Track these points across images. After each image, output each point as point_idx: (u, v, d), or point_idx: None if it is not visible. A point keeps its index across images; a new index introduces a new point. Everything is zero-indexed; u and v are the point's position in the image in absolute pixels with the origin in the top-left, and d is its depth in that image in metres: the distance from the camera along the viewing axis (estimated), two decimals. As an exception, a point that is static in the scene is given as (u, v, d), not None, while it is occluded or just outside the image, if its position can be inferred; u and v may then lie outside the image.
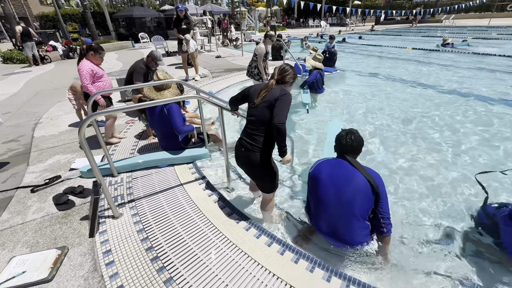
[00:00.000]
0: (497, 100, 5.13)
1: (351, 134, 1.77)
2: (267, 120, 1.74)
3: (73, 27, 18.18)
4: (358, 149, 1.77)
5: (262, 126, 1.78)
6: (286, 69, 1.85)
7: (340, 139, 1.78)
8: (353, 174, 1.67)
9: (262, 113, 1.75)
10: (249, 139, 1.83)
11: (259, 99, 1.75)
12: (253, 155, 1.81)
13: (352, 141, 1.73)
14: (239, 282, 1.53)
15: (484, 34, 15.98)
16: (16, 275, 1.59)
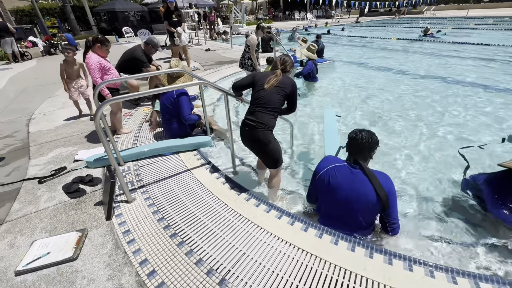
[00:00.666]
0: (474, 83, 5.49)
1: (366, 132, 1.70)
2: (275, 103, 2.05)
3: (51, 22, 17.39)
4: (372, 149, 1.69)
5: (269, 107, 2.01)
6: (286, 59, 2.17)
7: (352, 139, 1.71)
8: (364, 187, 1.61)
9: (271, 97, 2.04)
10: (254, 117, 2.04)
11: (269, 85, 2.04)
12: (258, 132, 2.02)
13: (366, 139, 1.66)
14: (255, 250, 1.67)
15: (462, 25, 16.64)
16: (41, 256, 1.66)
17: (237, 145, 2.88)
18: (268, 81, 2.05)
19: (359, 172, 1.65)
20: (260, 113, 2.04)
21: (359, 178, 1.63)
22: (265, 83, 2.06)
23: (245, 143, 2.19)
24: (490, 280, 1.40)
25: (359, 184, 1.63)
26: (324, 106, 4.79)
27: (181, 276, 1.52)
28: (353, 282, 1.45)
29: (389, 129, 3.84)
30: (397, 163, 3.01)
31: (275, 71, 2.11)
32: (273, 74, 2.08)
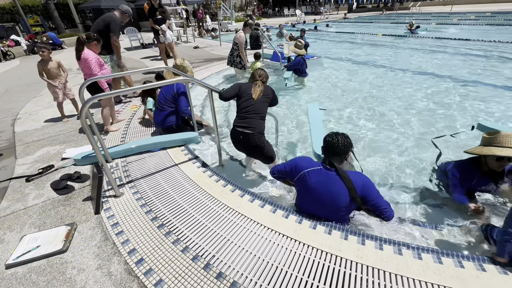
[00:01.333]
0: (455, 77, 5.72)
1: (340, 136, 1.78)
2: (263, 110, 2.43)
3: (34, 20, 16.90)
4: (346, 151, 1.77)
5: (260, 114, 2.40)
6: (261, 73, 2.56)
7: (327, 142, 1.78)
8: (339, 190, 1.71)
9: (260, 105, 2.41)
10: (248, 124, 2.34)
11: (257, 95, 2.40)
12: (254, 138, 2.33)
13: (338, 143, 1.74)
14: (238, 237, 1.77)
15: (446, 20, 17.08)
16: (31, 249, 1.72)
17: (223, 139, 2.96)
18: (255, 91, 2.40)
19: (334, 175, 1.73)
20: (253, 120, 2.35)
21: (334, 180, 1.72)
22: (252, 93, 2.40)
23: (240, 149, 2.47)
24: (451, 255, 1.54)
25: (334, 187, 1.71)
26: (312, 100, 4.92)
27: (168, 262, 1.60)
28: (328, 262, 1.56)
29: (371, 121, 3.99)
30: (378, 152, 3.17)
31: (256, 82, 2.47)
32: (255, 85, 2.44)
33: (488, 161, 1.90)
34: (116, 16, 4.17)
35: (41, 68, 3.69)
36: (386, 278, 1.45)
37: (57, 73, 3.82)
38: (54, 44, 12.58)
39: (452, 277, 1.42)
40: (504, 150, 1.76)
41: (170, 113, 3.14)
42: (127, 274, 1.56)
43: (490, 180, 1.98)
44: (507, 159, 1.79)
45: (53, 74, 3.78)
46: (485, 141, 1.88)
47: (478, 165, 1.99)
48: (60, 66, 3.85)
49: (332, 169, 1.76)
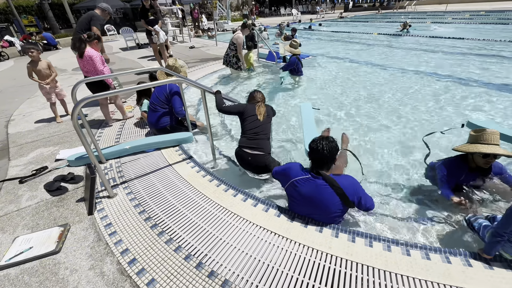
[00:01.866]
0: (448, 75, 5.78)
1: (324, 140, 1.76)
2: (268, 129, 2.56)
3: (29, 20, 16.75)
4: (332, 156, 1.77)
5: (266, 134, 2.51)
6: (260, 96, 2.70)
7: (312, 148, 1.78)
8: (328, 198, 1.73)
9: (266, 126, 2.53)
10: (256, 145, 2.41)
11: (263, 116, 2.50)
12: (263, 158, 2.40)
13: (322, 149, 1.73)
14: (231, 236, 1.79)
15: (441, 19, 17.20)
16: (23, 250, 1.72)
17: (218, 140, 2.97)
18: (259, 113, 2.50)
19: (323, 183, 1.74)
20: (262, 141, 2.44)
21: (324, 189, 1.72)
22: (256, 114, 2.50)
23: (247, 169, 2.54)
24: (438, 250, 1.57)
25: (324, 195, 1.73)
26: (307, 99, 4.95)
27: (160, 262, 1.62)
28: (319, 259, 1.59)
29: (366, 119, 4.03)
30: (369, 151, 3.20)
31: (258, 103, 2.58)
32: (259, 106, 2.53)
33: (475, 158, 1.94)
34: (95, 13, 4.23)
35: (31, 69, 3.66)
36: (375, 275, 1.47)
37: (47, 73, 3.78)
38: (50, 44, 12.50)
39: (440, 272, 1.45)
40: (490, 147, 1.80)
41: (164, 113, 3.15)
42: (119, 274, 1.57)
43: (478, 176, 2.02)
44: (493, 156, 1.83)
45: (44, 74, 3.74)
46: (472, 139, 1.93)
47: (465, 162, 2.03)
48: (50, 67, 3.82)
49: (320, 177, 1.76)
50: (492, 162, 1.91)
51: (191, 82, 2.55)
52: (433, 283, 1.40)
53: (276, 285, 1.45)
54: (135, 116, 3.88)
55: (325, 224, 1.82)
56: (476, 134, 1.90)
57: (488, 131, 1.84)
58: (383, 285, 1.42)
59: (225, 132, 3.77)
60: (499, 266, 1.46)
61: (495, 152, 1.78)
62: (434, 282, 1.41)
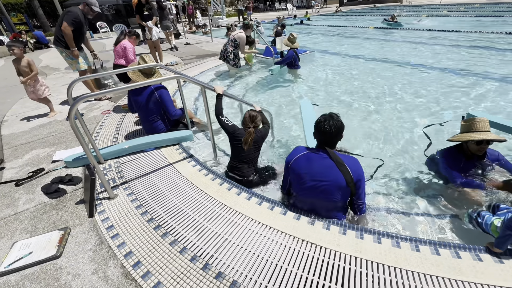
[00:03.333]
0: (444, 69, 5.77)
1: (330, 119, 1.71)
2: (254, 158, 2.46)
3: (18, 18, 16.35)
4: (338, 134, 1.73)
5: (252, 162, 2.45)
6: (254, 115, 2.42)
7: (319, 126, 1.72)
8: (332, 174, 1.68)
9: (251, 155, 2.43)
10: (241, 173, 2.41)
11: (247, 146, 2.35)
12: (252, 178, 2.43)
13: (331, 127, 1.68)
14: (237, 235, 1.75)
15: (436, 12, 17.21)
16: (23, 256, 1.67)
17: (218, 137, 2.93)
18: (245, 142, 2.35)
19: (327, 159, 1.71)
20: (246, 170, 2.41)
21: (328, 164, 1.69)
22: (242, 142, 2.37)
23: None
24: (448, 246, 1.56)
25: (327, 171, 1.69)
26: (305, 93, 4.92)
27: (166, 264, 1.58)
28: (327, 257, 1.56)
29: (362, 112, 4.01)
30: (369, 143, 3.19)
31: (249, 129, 2.36)
32: (248, 133, 2.35)
33: (470, 146, 2.02)
34: (74, 9, 4.03)
35: (16, 66, 3.61)
36: (385, 272, 1.45)
37: (27, 71, 3.70)
38: (41, 43, 12.23)
39: (450, 267, 1.44)
40: (482, 134, 1.89)
41: (158, 121, 3.04)
42: (124, 277, 1.53)
43: (476, 164, 2.07)
44: (485, 142, 1.92)
45: (24, 72, 3.67)
46: (464, 128, 2.02)
47: (461, 151, 2.10)
48: (29, 65, 3.72)
49: (325, 154, 1.72)
50: (485, 148, 1.98)
51: (191, 79, 2.49)
52: (444, 279, 1.39)
53: (286, 284, 1.42)
54: (129, 115, 3.79)
55: (333, 222, 1.79)
56: (467, 123, 2.00)
57: (478, 119, 1.94)
58: (394, 282, 1.40)
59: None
60: (509, 259, 1.45)
61: (487, 138, 1.87)
62: (445, 277, 1.39)
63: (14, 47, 3.51)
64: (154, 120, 3.00)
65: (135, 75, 2.93)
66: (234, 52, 5.74)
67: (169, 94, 2.96)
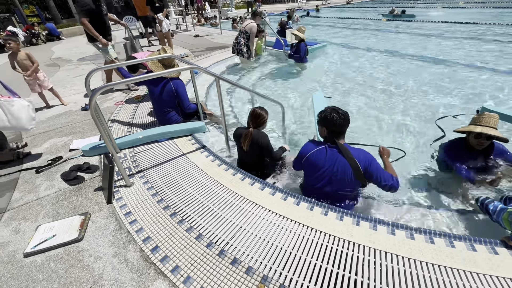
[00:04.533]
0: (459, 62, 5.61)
1: (336, 110, 1.84)
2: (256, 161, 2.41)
3: (30, 10, 16.56)
4: (348, 123, 1.85)
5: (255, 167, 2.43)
6: (258, 114, 2.31)
7: (329, 119, 1.82)
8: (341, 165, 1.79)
9: (252, 158, 2.39)
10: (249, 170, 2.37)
11: (246, 147, 2.29)
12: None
13: (340, 117, 1.80)
14: (251, 224, 1.79)
15: (452, 3, 16.60)
16: (47, 238, 1.75)
17: (230, 129, 2.95)
18: (244, 141, 2.30)
19: (336, 152, 1.83)
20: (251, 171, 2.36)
21: (337, 156, 1.82)
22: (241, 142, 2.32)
23: None
24: (463, 238, 1.56)
25: (337, 162, 1.81)
26: (314, 86, 4.88)
27: (183, 249, 1.63)
28: (341, 247, 1.58)
29: (373, 105, 3.96)
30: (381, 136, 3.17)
31: (247, 130, 2.30)
32: (246, 134, 2.29)
33: (470, 139, 2.03)
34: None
35: (12, 60, 3.68)
36: (399, 262, 1.47)
37: (27, 64, 3.77)
38: (52, 35, 12.40)
39: (465, 260, 1.44)
40: (482, 128, 1.89)
41: (172, 113, 3.11)
42: (143, 261, 1.59)
43: (478, 157, 2.08)
44: (485, 137, 1.91)
45: (23, 65, 3.74)
46: (471, 121, 2.04)
47: (464, 144, 2.12)
48: (29, 58, 3.79)
49: (334, 146, 1.84)
50: (484, 143, 1.96)
51: (205, 70, 2.50)
52: (459, 271, 1.39)
53: (300, 272, 1.45)
54: (142, 106, 3.85)
55: (346, 213, 1.81)
56: (476, 116, 2.00)
57: (487, 114, 1.93)
58: (408, 272, 1.42)
59: (236, 120, 3.74)
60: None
61: (484, 132, 1.86)
62: (460, 269, 1.40)
63: (10, 41, 3.58)
64: (168, 111, 3.05)
65: (154, 66, 3.00)
66: (247, 44, 5.71)
67: (184, 87, 3.00)
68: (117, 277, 1.51)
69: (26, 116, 2.54)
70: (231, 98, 4.56)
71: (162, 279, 1.48)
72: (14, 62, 3.70)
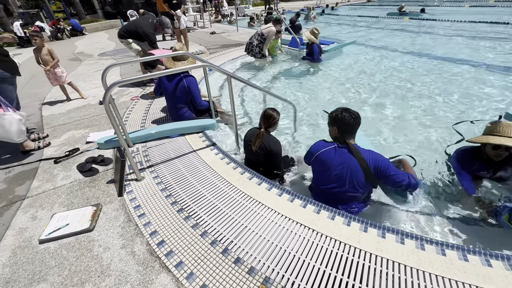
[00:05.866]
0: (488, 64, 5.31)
1: (348, 111, 1.85)
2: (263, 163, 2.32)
3: (57, 6, 17.31)
4: (359, 123, 1.85)
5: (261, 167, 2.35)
6: (270, 115, 2.28)
7: (341, 118, 1.83)
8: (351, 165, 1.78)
9: (259, 160, 2.31)
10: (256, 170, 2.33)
11: (255, 147, 2.25)
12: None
13: (351, 116, 1.81)
14: (256, 224, 1.78)
15: (481, 2, 15.72)
16: (61, 226, 1.83)
17: (240, 127, 2.96)
18: (254, 142, 2.26)
19: (346, 151, 1.83)
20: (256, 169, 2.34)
21: (347, 156, 1.81)
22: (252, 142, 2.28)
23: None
24: (477, 252, 1.48)
25: (347, 162, 1.80)
26: (327, 87, 4.79)
27: (188, 245, 1.65)
28: (347, 253, 1.55)
29: (393, 108, 3.83)
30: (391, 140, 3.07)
31: (259, 131, 2.27)
32: (257, 135, 2.26)
33: (487, 150, 1.90)
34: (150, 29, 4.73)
35: (36, 55, 3.88)
36: (407, 273, 1.41)
37: (48, 59, 3.96)
38: (76, 30, 12.90)
39: (478, 275, 1.37)
40: (500, 138, 1.76)
41: (184, 108, 3.15)
42: (149, 254, 1.63)
43: (491, 168, 1.96)
44: (504, 148, 1.79)
45: (45, 60, 3.94)
46: (487, 130, 1.91)
47: (479, 154, 1.99)
48: (50, 53, 3.97)
49: (344, 146, 1.83)
50: (503, 154, 1.83)
51: (218, 68, 2.51)
52: (472, 286, 1.32)
53: (303, 276, 1.43)
54: (156, 102, 3.92)
55: (353, 218, 1.76)
56: (491, 125, 1.88)
57: (504, 123, 1.80)
58: (416, 284, 1.36)
59: (247, 119, 3.74)
60: (547, 273, 1.35)
61: (504, 144, 1.73)
62: (472, 285, 1.33)
63: (36, 37, 3.78)
64: (180, 107, 3.09)
65: (169, 63, 3.10)
66: (259, 46, 5.72)
67: (197, 84, 3.03)
68: (124, 268, 1.55)
69: (16, 129, 2.57)
70: (244, 96, 4.57)
71: (166, 273, 1.51)
72: (38, 57, 3.89)
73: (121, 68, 5.92)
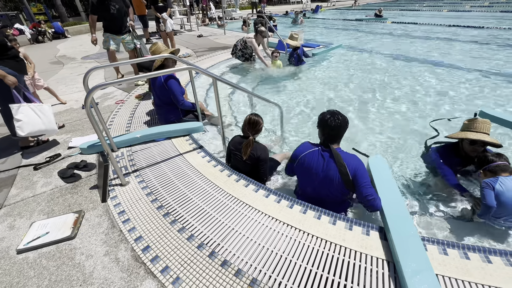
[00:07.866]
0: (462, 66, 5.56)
1: (336, 114, 1.84)
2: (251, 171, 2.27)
3: (38, 8, 16.77)
4: (345, 128, 1.86)
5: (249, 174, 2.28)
6: (255, 121, 2.21)
7: (327, 122, 1.83)
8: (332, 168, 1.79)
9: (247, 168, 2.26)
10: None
11: (246, 156, 2.17)
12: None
13: (339, 121, 1.81)
14: (243, 226, 1.78)
15: (458, 7, 16.48)
16: (41, 235, 1.76)
17: (227, 129, 2.95)
18: (244, 151, 2.17)
19: (327, 155, 1.84)
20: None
21: (327, 160, 1.83)
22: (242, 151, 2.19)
23: None
24: (457, 246, 1.53)
25: (326, 166, 1.82)
26: (313, 87, 4.88)
27: (174, 250, 1.63)
28: (332, 252, 1.57)
29: (364, 109, 3.93)
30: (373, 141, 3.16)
31: (248, 140, 2.17)
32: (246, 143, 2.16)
33: (464, 145, 2.01)
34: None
35: None
36: (390, 269, 1.45)
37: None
38: (57, 33, 12.54)
39: (458, 268, 1.42)
40: (477, 134, 1.87)
41: (168, 110, 3.12)
42: (134, 260, 1.59)
43: (467, 164, 2.08)
44: (480, 144, 1.89)
45: None
46: (463, 127, 2.02)
47: (457, 149, 2.10)
48: (25, 58, 3.80)
49: (327, 150, 1.85)
50: (479, 149, 1.94)
51: (203, 71, 2.51)
52: (451, 279, 1.37)
53: (290, 275, 1.44)
54: (141, 106, 3.87)
55: (339, 217, 1.79)
56: (468, 122, 1.98)
57: (479, 120, 1.91)
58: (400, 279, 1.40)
59: (234, 121, 3.74)
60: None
61: (481, 139, 1.84)
62: (452, 277, 1.37)
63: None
64: (165, 107, 3.10)
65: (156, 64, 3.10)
66: (242, 50, 5.84)
67: (177, 84, 2.99)
68: (107, 276, 1.51)
69: (53, 118, 2.78)
70: (230, 99, 4.57)
71: (152, 279, 1.48)
72: None
73: (105, 71, 5.80)
